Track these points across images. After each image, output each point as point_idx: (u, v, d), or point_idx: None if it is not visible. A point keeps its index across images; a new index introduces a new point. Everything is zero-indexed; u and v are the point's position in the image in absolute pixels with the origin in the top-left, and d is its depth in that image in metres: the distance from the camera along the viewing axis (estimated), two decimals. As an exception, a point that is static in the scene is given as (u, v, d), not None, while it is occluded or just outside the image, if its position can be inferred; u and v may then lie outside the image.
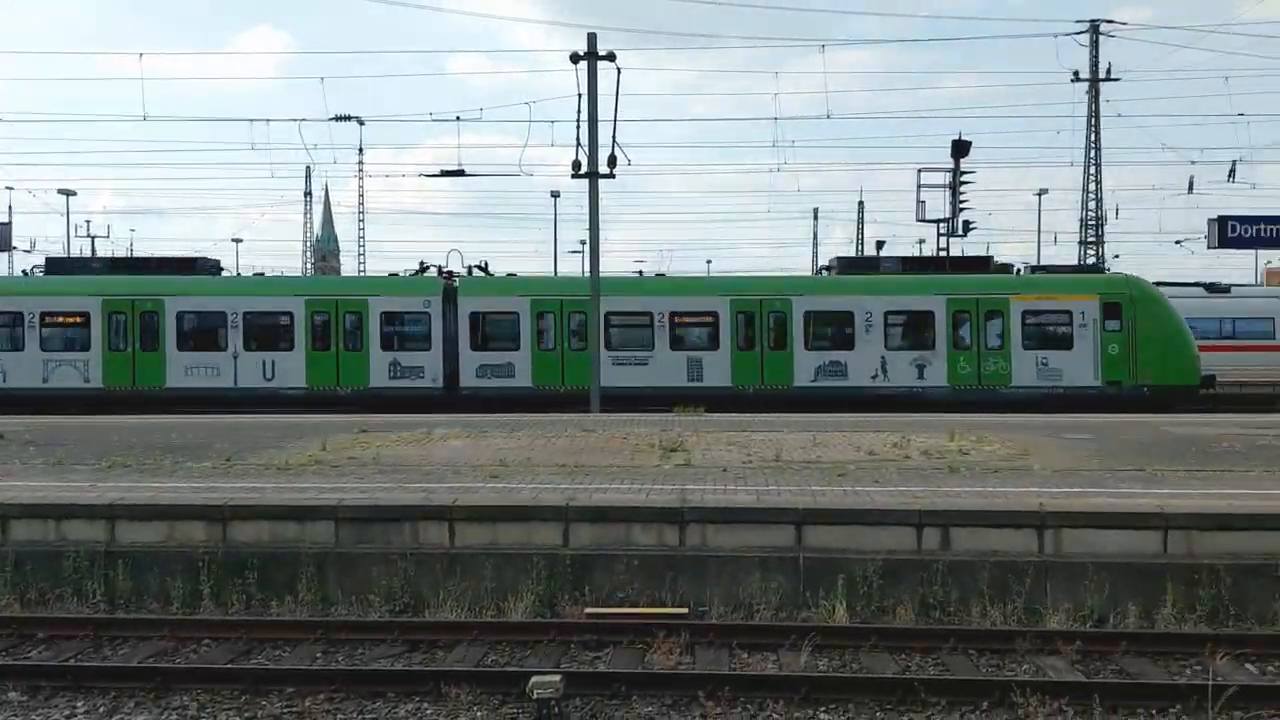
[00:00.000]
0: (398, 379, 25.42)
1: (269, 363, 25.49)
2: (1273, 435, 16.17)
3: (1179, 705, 7.66)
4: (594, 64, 24.07)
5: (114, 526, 10.79)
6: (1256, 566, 9.77)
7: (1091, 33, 42.54)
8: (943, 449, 14.72)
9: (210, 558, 10.44)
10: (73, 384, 25.39)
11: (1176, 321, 25.87)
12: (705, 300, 25.87)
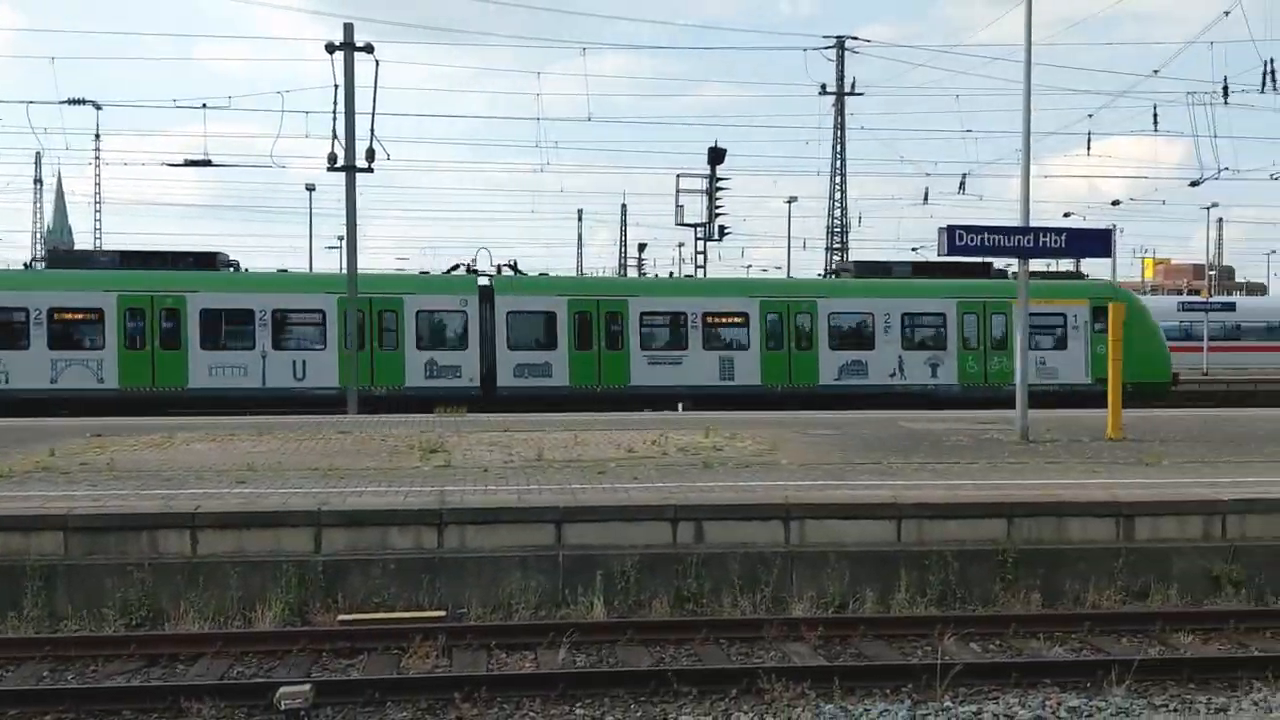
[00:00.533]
0: (434, 379, 24.93)
1: (299, 362, 24.61)
2: (996, 430, 17.45)
3: (911, 684, 8.15)
4: (351, 55, 23.50)
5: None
6: (980, 552, 10.51)
7: (838, 48, 44.77)
8: (698, 446, 15.14)
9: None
10: (85, 384, 23.75)
11: (1153, 325, 27.87)
12: (736, 301, 26.48)
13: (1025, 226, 16.11)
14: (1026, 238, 15.85)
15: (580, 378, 25.53)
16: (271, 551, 10.04)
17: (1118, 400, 16.71)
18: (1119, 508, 10.80)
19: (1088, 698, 7.82)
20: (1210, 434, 17.34)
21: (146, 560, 9.89)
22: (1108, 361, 15.66)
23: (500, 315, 25.31)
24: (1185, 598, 10.38)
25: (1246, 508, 10.85)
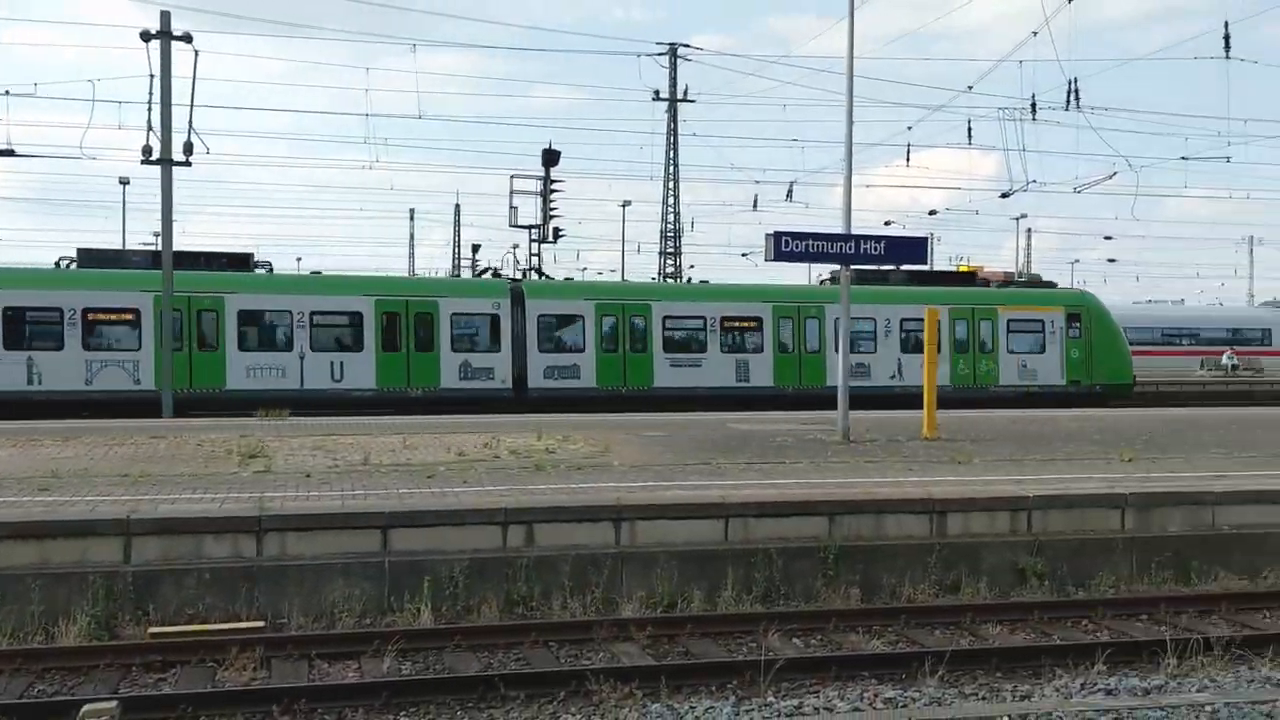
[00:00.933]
0: (468, 380, 25.29)
1: (337, 363, 24.67)
2: (820, 431, 17.94)
3: (736, 680, 8.29)
4: (168, 44, 22.52)
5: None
6: (803, 549, 10.77)
7: (670, 55, 45.32)
8: (530, 448, 15.07)
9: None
10: (121, 386, 23.33)
11: (1119, 331, 30.16)
12: (752, 306, 27.53)
13: (847, 234, 16.62)
14: (848, 245, 16.36)
15: (606, 379, 26.26)
16: (77, 563, 9.51)
17: (932, 400, 17.38)
18: (933, 505, 11.23)
19: (903, 689, 8.10)
20: (1018, 433, 18.24)
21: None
22: (1080, 364, 16.72)
23: (531, 318, 25.87)
24: (994, 590, 10.86)
25: (1049, 503, 11.44)
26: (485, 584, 10.06)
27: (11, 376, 22.85)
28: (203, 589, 9.60)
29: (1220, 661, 8.79)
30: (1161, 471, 13.26)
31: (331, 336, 25.09)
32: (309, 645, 8.93)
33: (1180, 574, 11.30)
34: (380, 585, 9.93)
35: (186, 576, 9.61)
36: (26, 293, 23.53)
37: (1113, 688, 8.07)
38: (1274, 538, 11.65)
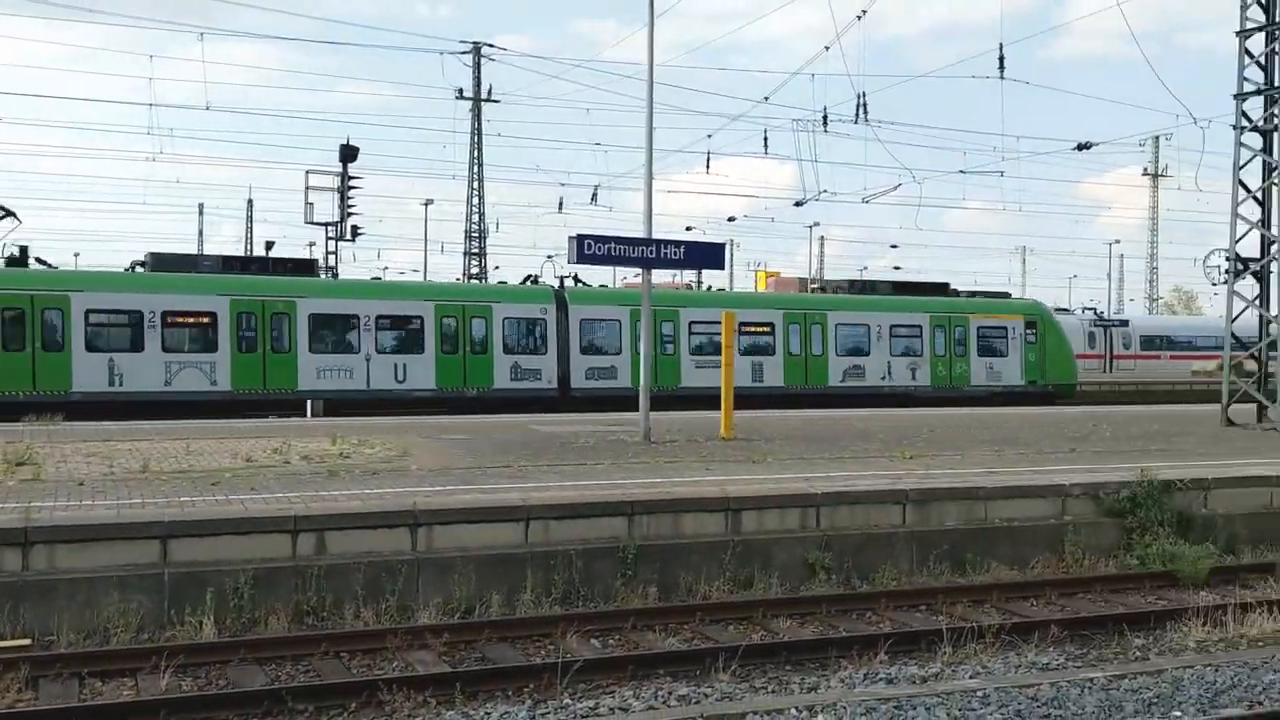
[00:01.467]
0: (518, 381, 26.63)
1: (400, 365, 25.63)
2: (622, 432, 18.11)
3: (533, 684, 8.27)
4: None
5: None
6: (603, 549, 10.83)
7: (474, 54, 44.92)
8: (324, 453, 14.65)
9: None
10: (198, 387, 23.93)
11: (1065, 337, 34.01)
12: (765, 313, 29.71)
13: (648, 238, 16.85)
14: (649, 249, 16.59)
15: (640, 379, 25.97)
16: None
17: (729, 402, 17.80)
18: (728, 503, 11.49)
19: (696, 685, 8.25)
20: (811, 433, 18.88)
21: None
22: (1036, 367, 18.36)
23: (574, 322, 27.45)
24: (785, 585, 11.18)
25: (836, 500, 11.87)
26: (273, 594, 9.70)
27: (94, 378, 23.19)
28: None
29: (991, 648, 9.31)
30: (940, 468, 13.95)
31: (395, 339, 26.06)
32: (80, 663, 8.41)
33: (956, 566, 11.91)
34: (159, 598, 9.44)
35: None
36: (108, 295, 23.83)
37: (893, 676, 8.44)
38: (1040, 530, 12.43)
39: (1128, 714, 7.34)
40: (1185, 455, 15.88)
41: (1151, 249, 73.62)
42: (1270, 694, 7.83)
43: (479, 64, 45.08)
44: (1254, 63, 20.88)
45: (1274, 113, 20.61)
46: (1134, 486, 12.76)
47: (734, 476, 12.92)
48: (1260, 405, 21.30)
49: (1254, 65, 20.89)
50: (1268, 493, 13.63)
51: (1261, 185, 21.00)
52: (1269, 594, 11.09)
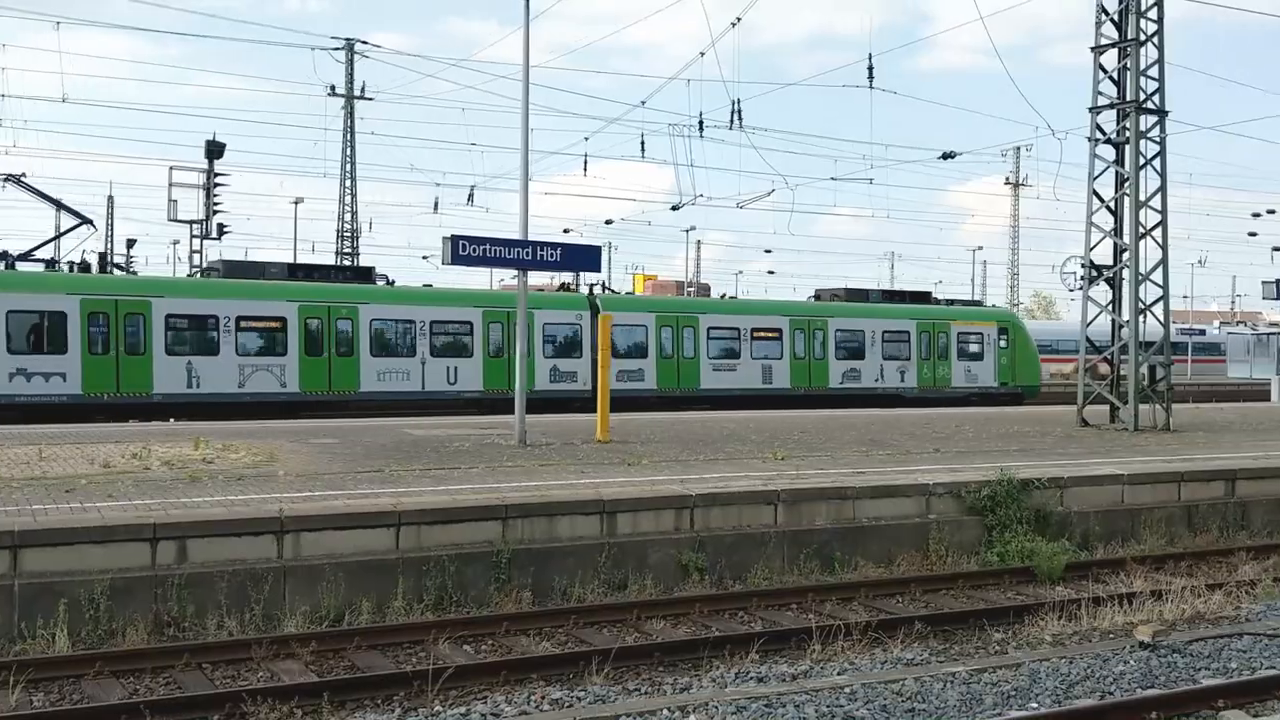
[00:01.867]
0: (557, 383, 28.43)
1: (452, 368, 27.17)
2: (497, 435, 17.99)
3: (403, 691, 8.14)
4: None
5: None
6: (477, 554, 10.74)
7: (347, 50, 44.13)
8: (186, 459, 14.19)
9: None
10: (269, 389, 25.03)
11: (1032, 342, 36.94)
12: (774, 319, 31.87)
13: (524, 240, 16.76)
14: (525, 250, 16.51)
15: (664, 381, 30.03)
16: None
17: (606, 405, 17.82)
18: (603, 505, 11.50)
19: (570, 688, 8.23)
20: (684, 435, 19.03)
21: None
22: (1008, 369, 20.88)
23: None
24: (660, 586, 11.24)
25: (710, 501, 11.99)
26: (132, 605, 9.35)
27: (174, 379, 24.25)
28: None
29: (859, 645, 9.51)
30: (810, 469, 14.21)
31: (447, 343, 27.57)
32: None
33: (826, 564, 12.14)
34: (8, 611, 9.01)
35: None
36: (187, 301, 25.04)
37: (764, 675, 8.55)
38: (905, 528, 12.75)
39: (987, 707, 7.58)
40: (1043, 455, 16.49)
41: (1012, 255, 76.25)
42: (1120, 684, 8.18)
43: (352, 60, 44.31)
44: (1108, 78, 21.81)
45: (1126, 126, 21.56)
46: (994, 485, 13.19)
47: (609, 479, 12.93)
48: (1113, 407, 22.25)
49: (1108, 80, 21.82)
50: (1119, 490, 14.24)
51: (1114, 196, 21.95)
52: (1120, 588, 11.57)
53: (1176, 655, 8.86)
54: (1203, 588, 11.35)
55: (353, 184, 45.10)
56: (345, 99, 44.24)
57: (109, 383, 23.79)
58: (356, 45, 44.26)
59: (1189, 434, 20.82)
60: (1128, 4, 21.32)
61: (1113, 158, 21.87)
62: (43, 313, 23.47)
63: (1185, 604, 10.68)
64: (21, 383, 22.95)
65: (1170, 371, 22.47)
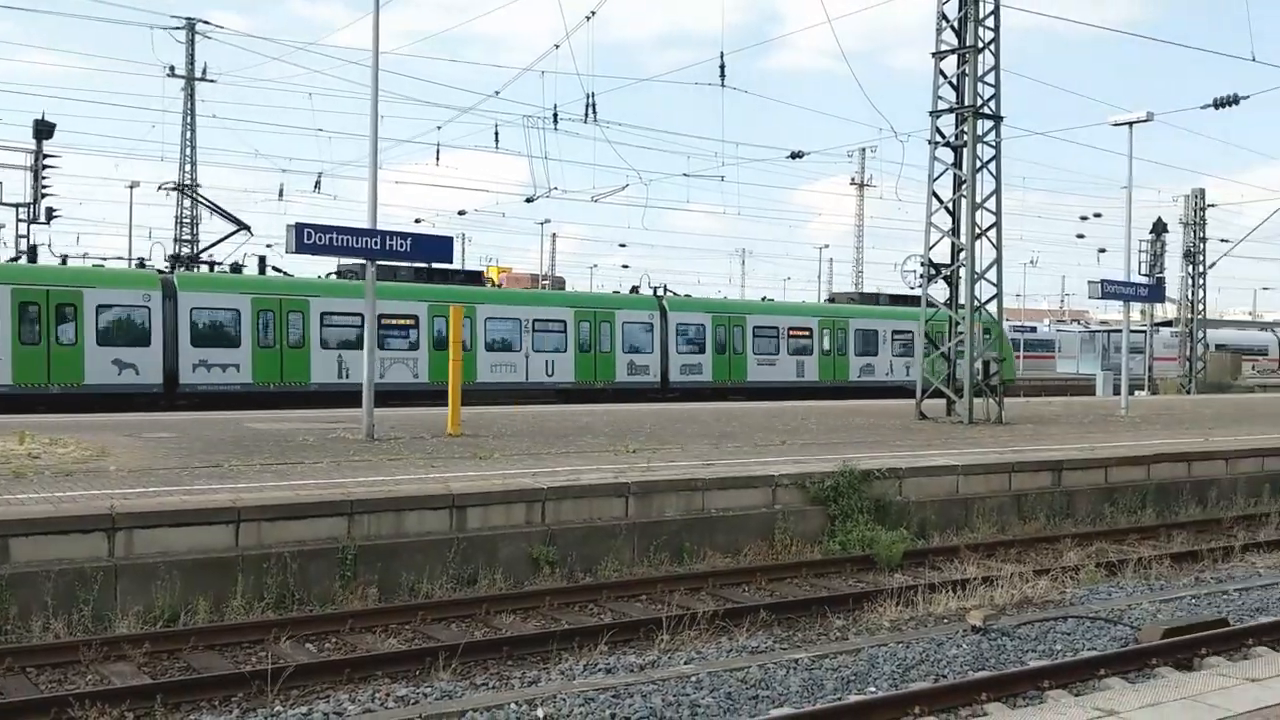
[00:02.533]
0: (632, 376, 31.91)
1: (550, 362, 30.67)
2: (343, 429, 17.61)
3: (242, 692, 7.90)
4: None
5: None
6: (321, 550, 10.48)
7: (188, 30, 42.52)
8: (9, 453, 13.47)
9: None
10: (405, 379, 28.18)
11: (1008, 339, 38.38)
12: (805, 319, 36.05)
13: (373, 229, 16.43)
14: (374, 240, 16.18)
15: (719, 375, 33.56)
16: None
17: (457, 396, 17.64)
18: (453, 500, 11.38)
19: (416, 685, 8.12)
20: (539, 428, 18.99)
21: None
22: None
23: (672, 327, 32.90)
24: (510, 580, 11.18)
25: (561, 494, 11.98)
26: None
27: (327, 370, 27.34)
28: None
29: (706, 634, 9.65)
30: (661, 462, 14.35)
31: (545, 340, 30.77)
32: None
33: (675, 555, 12.28)
34: None
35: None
36: (338, 301, 27.97)
37: (613, 666, 8.60)
38: (752, 519, 13.00)
39: (828, 691, 7.79)
40: (883, 446, 17.02)
41: (857, 254, 78.39)
42: (954, 667, 8.51)
43: (193, 40, 42.73)
44: (948, 83, 22.63)
45: (964, 130, 22.40)
46: (837, 476, 13.55)
47: (460, 473, 12.81)
48: (949, 400, 23.12)
49: (948, 85, 22.63)
50: (954, 480, 14.81)
51: (952, 197, 22.79)
52: (954, 575, 12.04)
53: (1006, 638, 9.26)
54: (1030, 573, 11.89)
55: (193, 169, 43.52)
56: (185, 80, 42.64)
57: (275, 373, 26.83)
58: (198, 25, 42.68)
59: (1020, 426, 21.79)
60: (967, 11, 22.16)
61: (951, 160, 22.71)
62: (220, 310, 26.53)
63: (1015, 589, 11.18)
64: (203, 373, 26.02)
65: (1003, 366, 23.47)
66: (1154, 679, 8.12)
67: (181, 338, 25.85)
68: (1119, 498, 16.02)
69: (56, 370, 24.64)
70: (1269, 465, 18.19)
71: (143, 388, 25.31)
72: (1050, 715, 5.86)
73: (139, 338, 25.44)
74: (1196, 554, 13.57)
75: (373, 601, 10.34)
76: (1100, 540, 14.29)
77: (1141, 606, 10.46)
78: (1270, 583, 11.73)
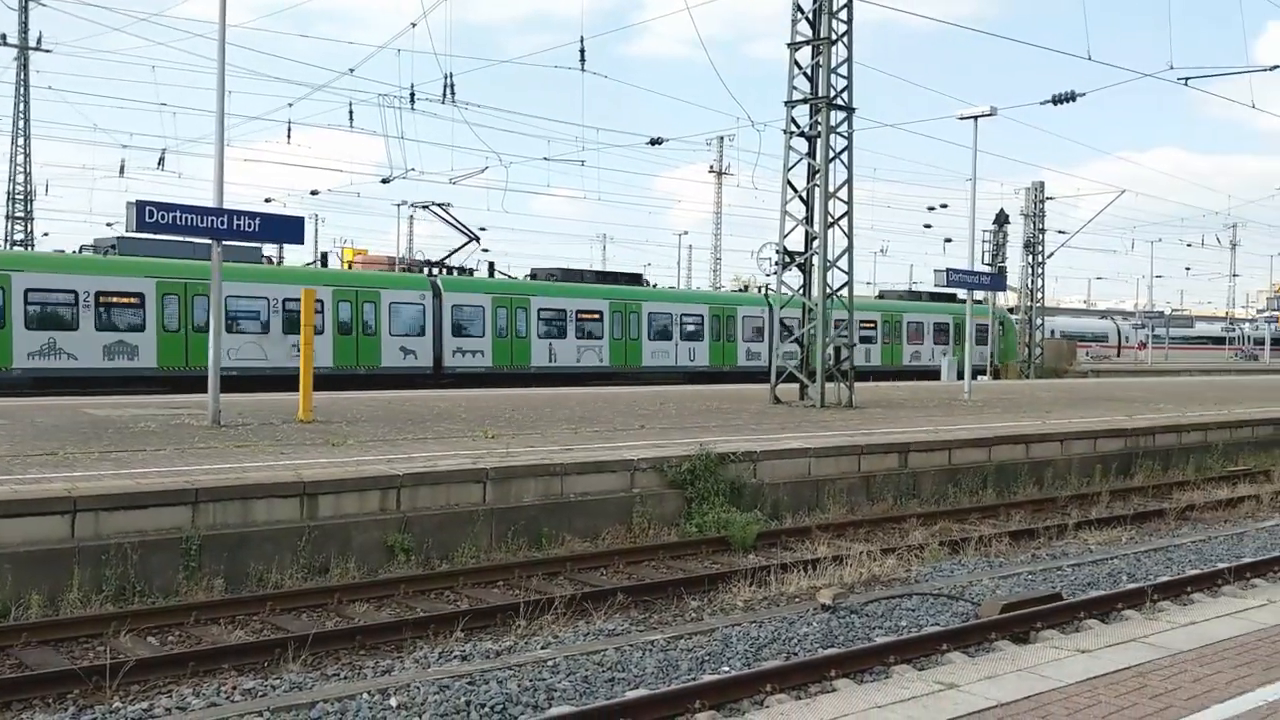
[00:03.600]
0: (749, 360, 38.61)
1: (691, 349, 37.61)
2: (188, 415, 17.01)
3: (78, 689, 7.57)
4: None
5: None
6: (164, 541, 10.11)
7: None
8: None
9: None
10: (593, 363, 34.79)
11: (1015, 329, 50.31)
12: (870, 314, 42.30)
13: (219, 208, 15.87)
14: (220, 219, 15.64)
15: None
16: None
17: (309, 381, 17.21)
18: (304, 487, 11.10)
19: (264, 678, 7.91)
20: (394, 414, 18.69)
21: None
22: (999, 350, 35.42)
23: (776, 320, 40.34)
24: (364, 569, 10.98)
25: (417, 480, 11.81)
26: None
27: (542, 356, 33.73)
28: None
29: (564, 619, 9.65)
30: (520, 447, 14.28)
31: (689, 331, 37.59)
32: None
33: (534, 541, 12.25)
34: None
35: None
36: (550, 300, 34.32)
37: (468, 653, 8.53)
38: (610, 503, 13.06)
39: (683, 672, 7.89)
40: (739, 430, 17.30)
41: (716, 241, 79.48)
42: (804, 645, 8.71)
43: (26, 8, 40.51)
44: (802, 74, 23.05)
45: (818, 121, 22.86)
46: (693, 459, 13.72)
47: (311, 460, 12.51)
48: (802, 384, 23.63)
49: (802, 76, 23.06)
50: (806, 463, 15.16)
51: (806, 186, 23.25)
52: (805, 555, 12.33)
53: (855, 616, 9.53)
54: (878, 552, 12.26)
55: (26, 142, 41.41)
56: (19, 50, 40.44)
57: (507, 358, 32.95)
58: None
59: (870, 410, 22.42)
60: (821, 4, 22.59)
61: (806, 150, 23.16)
62: (470, 307, 32.59)
63: (863, 568, 11.51)
64: (460, 358, 32.03)
65: (854, 352, 24.11)
66: (993, 652, 8.47)
67: (445, 329, 31.86)
68: (962, 478, 16.65)
69: (364, 355, 30.17)
70: (1100, 446, 19.16)
71: (420, 370, 31.14)
72: (895, 690, 6.05)
73: (419, 329, 31.40)
74: (1033, 532, 14.19)
75: (219, 593, 10.03)
76: (944, 519, 14.83)
77: (982, 583, 10.90)
78: (1101, 558, 12.35)
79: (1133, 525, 15.00)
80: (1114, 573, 11.62)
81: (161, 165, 42.43)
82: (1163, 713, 5.58)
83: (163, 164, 42.26)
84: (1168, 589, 10.54)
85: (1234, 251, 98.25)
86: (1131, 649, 6.88)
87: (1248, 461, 21.35)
